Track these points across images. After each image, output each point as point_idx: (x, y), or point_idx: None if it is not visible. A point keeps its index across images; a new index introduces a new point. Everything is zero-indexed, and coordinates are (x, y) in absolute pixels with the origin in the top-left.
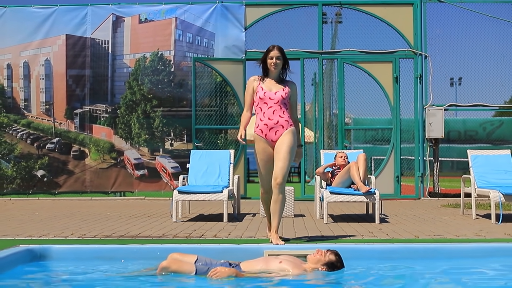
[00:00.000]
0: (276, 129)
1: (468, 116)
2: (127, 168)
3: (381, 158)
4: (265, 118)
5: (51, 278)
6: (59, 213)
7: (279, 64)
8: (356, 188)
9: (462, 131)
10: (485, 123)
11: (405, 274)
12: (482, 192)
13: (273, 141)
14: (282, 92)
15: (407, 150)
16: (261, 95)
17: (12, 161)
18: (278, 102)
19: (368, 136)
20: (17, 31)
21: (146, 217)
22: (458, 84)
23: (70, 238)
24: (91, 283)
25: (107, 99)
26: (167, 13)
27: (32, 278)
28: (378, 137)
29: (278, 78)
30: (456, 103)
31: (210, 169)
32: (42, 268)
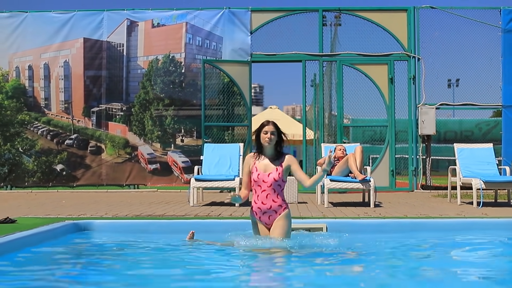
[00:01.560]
0: (269, 214)
1: (464, 116)
2: (140, 162)
3: (378, 157)
4: (258, 201)
5: (94, 245)
6: (84, 201)
7: (274, 139)
8: (353, 177)
9: (458, 131)
10: (481, 123)
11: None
12: (466, 181)
13: (267, 224)
14: (276, 173)
15: (404, 150)
16: (255, 178)
17: (33, 156)
18: (271, 186)
19: (367, 136)
20: (38, 35)
21: (165, 203)
22: (456, 85)
23: (105, 217)
24: (132, 250)
25: (122, 98)
26: (178, 18)
27: (79, 244)
28: (376, 138)
29: (274, 153)
30: (452, 102)
31: (222, 161)
32: (86, 237)
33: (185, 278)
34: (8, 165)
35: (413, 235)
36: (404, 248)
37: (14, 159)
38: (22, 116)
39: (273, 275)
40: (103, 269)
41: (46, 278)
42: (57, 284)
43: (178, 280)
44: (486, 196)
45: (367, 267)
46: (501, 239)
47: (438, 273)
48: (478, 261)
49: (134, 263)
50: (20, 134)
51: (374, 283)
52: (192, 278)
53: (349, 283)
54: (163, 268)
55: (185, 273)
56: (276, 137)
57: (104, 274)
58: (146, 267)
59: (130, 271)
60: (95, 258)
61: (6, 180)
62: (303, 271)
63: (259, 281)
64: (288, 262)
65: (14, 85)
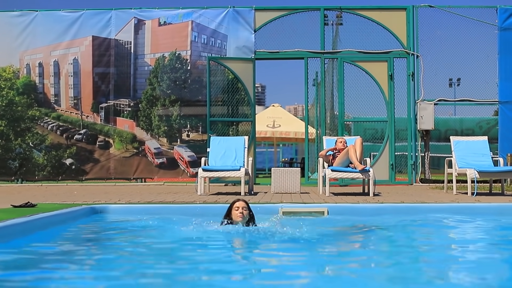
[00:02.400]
0: None
1: (465, 115)
2: (147, 156)
3: (379, 151)
4: None
5: (110, 225)
6: (95, 192)
7: (246, 215)
8: (353, 167)
9: (459, 129)
10: (481, 122)
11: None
12: (461, 171)
13: None
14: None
15: (404, 148)
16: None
17: (43, 150)
18: None
19: (368, 134)
20: (48, 33)
21: (173, 194)
22: (457, 85)
23: (119, 203)
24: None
25: (130, 94)
26: (184, 17)
27: (96, 224)
28: (377, 136)
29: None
30: (450, 98)
31: (228, 153)
32: (103, 219)
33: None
34: (19, 159)
35: (408, 217)
36: (401, 225)
37: (25, 154)
38: (33, 111)
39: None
40: (120, 243)
41: (69, 252)
42: (79, 257)
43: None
44: (482, 188)
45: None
46: (491, 221)
47: (432, 248)
48: (467, 237)
49: (147, 238)
50: (30, 129)
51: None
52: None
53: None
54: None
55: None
56: (248, 213)
57: (119, 249)
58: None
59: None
60: (111, 235)
61: (17, 174)
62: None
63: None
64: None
65: (25, 82)
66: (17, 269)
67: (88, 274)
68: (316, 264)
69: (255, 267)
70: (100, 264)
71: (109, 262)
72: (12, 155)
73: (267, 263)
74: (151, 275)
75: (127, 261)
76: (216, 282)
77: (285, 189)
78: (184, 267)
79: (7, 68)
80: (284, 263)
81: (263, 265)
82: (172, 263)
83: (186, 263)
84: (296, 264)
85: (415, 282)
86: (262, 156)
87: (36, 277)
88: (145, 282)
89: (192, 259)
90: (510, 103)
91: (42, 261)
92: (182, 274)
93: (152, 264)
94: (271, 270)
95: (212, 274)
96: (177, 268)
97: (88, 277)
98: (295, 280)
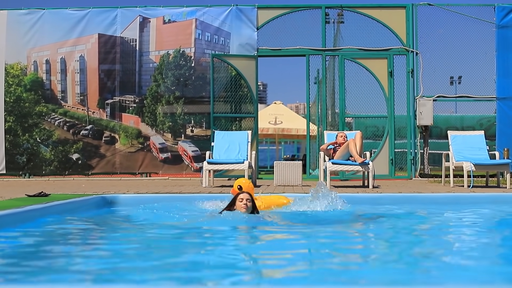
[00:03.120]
0: None
1: (466, 112)
2: (152, 151)
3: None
4: None
5: (121, 213)
6: (102, 185)
7: (250, 207)
8: (353, 160)
9: (459, 127)
10: (482, 119)
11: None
12: (458, 164)
13: None
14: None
15: (404, 146)
16: None
17: (50, 145)
18: None
19: (369, 132)
20: (55, 31)
21: (179, 186)
22: (458, 82)
23: (128, 193)
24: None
25: (135, 90)
26: (188, 15)
27: (107, 212)
28: (378, 134)
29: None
30: (449, 95)
31: (231, 147)
32: (113, 208)
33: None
34: (26, 155)
35: (404, 207)
36: (396, 214)
37: (32, 149)
38: (40, 108)
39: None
40: (129, 227)
41: (83, 236)
42: (93, 240)
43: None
44: (479, 181)
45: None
46: (484, 209)
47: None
48: (463, 223)
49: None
50: (38, 125)
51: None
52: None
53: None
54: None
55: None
56: (252, 205)
57: (130, 235)
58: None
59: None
60: (122, 222)
61: (25, 169)
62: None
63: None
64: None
65: (32, 79)
66: (38, 247)
67: (100, 251)
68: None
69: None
70: (110, 244)
71: (118, 241)
72: (20, 150)
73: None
74: (158, 247)
75: (136, 242)
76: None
77: (287, 181)
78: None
79: (15, 65)
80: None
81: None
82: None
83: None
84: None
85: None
86: (264, 153)
87: (54, 254)
88: (155, 251)
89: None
90: (508, 99)
91: (59, 241)
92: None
93: (158, 239)
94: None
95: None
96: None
97: (99, 254)
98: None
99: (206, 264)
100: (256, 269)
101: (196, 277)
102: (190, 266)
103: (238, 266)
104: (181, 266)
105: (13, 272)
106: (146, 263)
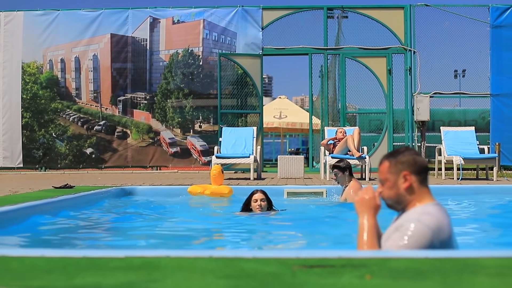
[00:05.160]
0: None
1: (469, 106)
2: (162, 146)
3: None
4: None
5: (139, 201)
6: (117, 178)
7: (265, 206)
8: (351, 154)
9: (462, 120)
10: (484, 112)
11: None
12: (449, 158)
13: None
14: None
15: (403, 139)
16: None
17: (65, 140)
18: None
19: (373, 126)
20: (69, 31)
21: (189, 179)
22: (462, 76)
23: (144, 186)
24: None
25: (146, 88)
26: (196, 16)
27: (128, 201)
28: (382, 127)
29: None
30: (444, 91)
31: (238, 142)
32: (132, 197)
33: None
34: (42, 149)
35: None
36: None
37: (48, 144)
38: (55, 104)
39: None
40: (146, 215)
41: (107, 221)
42: (110, 223)
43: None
44: (470, 174)
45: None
46: (467, 198)
47: None
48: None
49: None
50: (53, 121)
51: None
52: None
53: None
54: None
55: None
56: (266, 203)
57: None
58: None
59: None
60: (140, 209)
61: (41, 163)
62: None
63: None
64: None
65: (48, 77)
66: (74, 231)
67: (126, 232)
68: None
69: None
70: (134, 227)
71: (138, 226)
72: (36, 145)
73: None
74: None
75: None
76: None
77: (290, 174)
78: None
79: (31, 64)
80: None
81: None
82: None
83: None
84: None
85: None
86: (269, 147)
87: (88, 236)
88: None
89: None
90: (501, 96)
91: (90, 225)
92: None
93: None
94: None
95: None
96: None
97: (125, 234)
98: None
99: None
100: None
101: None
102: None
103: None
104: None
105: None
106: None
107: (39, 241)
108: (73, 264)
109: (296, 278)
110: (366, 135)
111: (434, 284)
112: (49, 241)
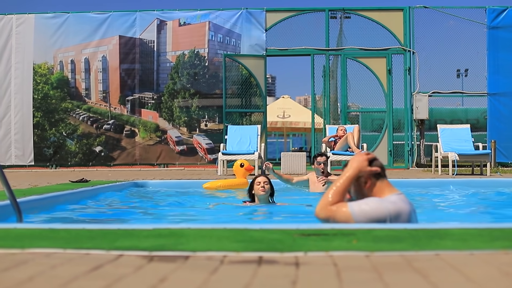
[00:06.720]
0: None
1: (471, 105)
2: (169, 144)
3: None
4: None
5: (151, 194)
6: (126, 174)
7: (268, 190)
8: (351, 151)
9: (464, 119)
10: (486, 112)
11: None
12: (445, 154)
13: None
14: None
15: (403, 138)
16: None
17: (75, 139)
18: None
19: (375, 125)
20: (79, 33)
21: (197, 175)
22: (465, 75)
23: (155, 180)
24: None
25: (153, 88)
26: (201, 18)
27: (140, 193)
28: (384, 126)
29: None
30: (443, 91)
31: (243, 139)
32: (145, 190)
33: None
34: (53, 147)
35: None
36: None
37: (59, 142)
38: (66, 104)
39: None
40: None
41: (122, 210)
42: (129, 210)
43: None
44: (466, 170)
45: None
46: (459, 190)
47: None
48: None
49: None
50: (64, 120)
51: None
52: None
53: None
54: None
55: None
56: (269, 187)
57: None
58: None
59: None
60: (152, 200)
61: (52, 160)
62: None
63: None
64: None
65: (58, 77)
66: (94, 216)
67: (140, 216)
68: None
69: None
70: (147, 213)
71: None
72: (47, 143)
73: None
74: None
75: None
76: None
77: (293, 171)
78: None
79: (42, 65)
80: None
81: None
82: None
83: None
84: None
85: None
86: (273, 146)
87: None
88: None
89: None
90: (498, 95)
91: (107, 212)
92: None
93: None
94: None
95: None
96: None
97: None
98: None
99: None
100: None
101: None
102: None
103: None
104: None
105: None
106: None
107: (71, 220)
108: (111, 233)
109: (295, 242)
110: (368, 134)
111: (408, 246)
112: (82, 221)
